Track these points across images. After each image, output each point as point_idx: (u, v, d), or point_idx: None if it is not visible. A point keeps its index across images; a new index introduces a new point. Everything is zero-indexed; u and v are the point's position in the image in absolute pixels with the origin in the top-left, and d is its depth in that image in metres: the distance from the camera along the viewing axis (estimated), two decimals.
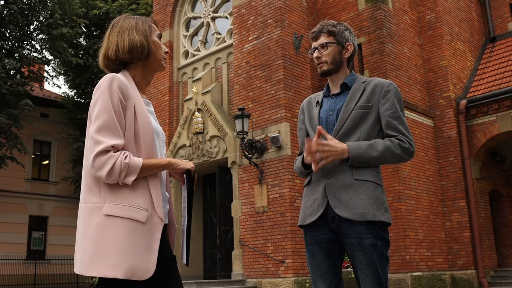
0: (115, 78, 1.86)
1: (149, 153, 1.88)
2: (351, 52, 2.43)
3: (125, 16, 2.05)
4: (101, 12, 18.51)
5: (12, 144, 16.21)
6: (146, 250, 1.79)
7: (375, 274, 2.17)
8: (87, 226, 1.80)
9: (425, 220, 10.37)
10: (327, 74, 2.44)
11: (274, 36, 10.51)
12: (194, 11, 13.33)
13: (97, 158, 1.77)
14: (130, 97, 1.88)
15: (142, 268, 1.77)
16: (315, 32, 2.45)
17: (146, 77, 2.06)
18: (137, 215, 1.79)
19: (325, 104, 2.44)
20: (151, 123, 1.93)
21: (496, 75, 11.95)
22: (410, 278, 9.49)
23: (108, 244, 1.75)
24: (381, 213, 2.21)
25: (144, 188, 1.85)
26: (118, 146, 1.80)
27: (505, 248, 12.25)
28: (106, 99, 1.82)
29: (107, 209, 1.78)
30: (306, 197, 2.36)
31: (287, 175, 9.75)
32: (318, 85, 11.22)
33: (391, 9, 11.02)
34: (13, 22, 16.15)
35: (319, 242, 2.30)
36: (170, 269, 1.96)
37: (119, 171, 1.77)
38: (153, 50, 2.00)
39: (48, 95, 21.74)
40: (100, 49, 2.04)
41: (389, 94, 2.32)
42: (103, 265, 1.73)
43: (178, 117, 12.53)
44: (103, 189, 1.81)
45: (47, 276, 19.21)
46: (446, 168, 11.16)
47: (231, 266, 10.45)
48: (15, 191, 19.70)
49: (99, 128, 1.80)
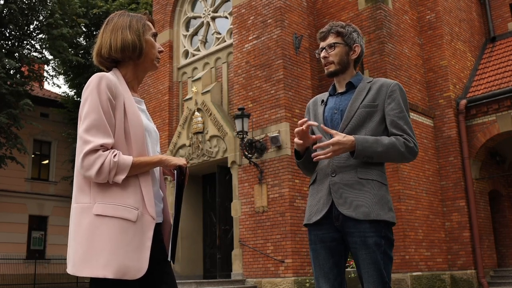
0: (103, 77, 1.86)
1: (141, 151, 1.87)
2: (358, 53, 2.45)
3: (120, 13, 2.04)
4: (101, 11, 18.51)
5: (12, 144, 16.20)
6: (137, 249, 1.78)
7: (378, 273, 2.17)
8: (77, 227, 1.79)
9: (425, 220, 10.37)
10: (333, 74, 2.45)
11: (274, 36, 10.51)
12: (194, 10, 13.33)
13: (86, 157, 1.77)
14: (119, 95, 1.87)
15: (133, 267, 1.76)
16: (324, 32, 2.46)
17: (138, 76, 2.05)
18: (127, 214, 1.78)
19: (330, 102, 2.46)
20: (142, 121, 1.91)
21: (496, 75, 11.95)
22: (410, 278, 9.49)
23: (98, 244, 1.74)
24: (384, 212, 2.22)
25: (135, 187, 1.84)
26: (107, 145, 1.80)
27: (504, 248, 12.25)
28: (95, 98, 1.82)
29: (97, 209, 1.78)
30: (312, 196, 2.37)
31: (287, 175, 9.75)
32: (318, 85, 11.23)
33: (391, 9, 11.01)
34: (13, 21, 16.14)
35: (323, 240, 2.30)
36: (164, 268, 1.95)
37: (108, 170, 1.76)
38: (145, 49, 1.98)
39: (48, 94, 21.73)
40: (94, 45, 2.04)
41: (395, 94, 2.33)
42: (94, 265, 1.73)
43: (178, 116, 12.53)
44: (93, 189, 1.81)
45: (47, 275, 19.21)
46: (446, 168, 11.16)
47: (231, 266, 10.45)
48: (15, 190, 19.70)
49: (88, 127, 1.79)
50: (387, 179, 2.34)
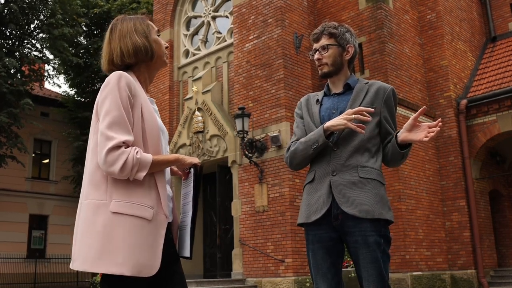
0: (123, 75, 1.88)
1: (156, 150, 1.90)
2: (351, 54, 2.45)
3: (121, 18, 2.05)
4: (101, 11, 18.50)
5: (12, 143, 16.20)
6: (151, 247, 1.80)
7: (378, 272, 2.18)
8: (91, 223, 1.80)
9: (425, 219, 10.37)
10: (327, 76, 2.46)
11: (274, 35, 10.51)
12: (195, 10, 13.33)
13: (110, 153, 1.78)
14: (137, 95, 1.91)
15: (148, 265, 1.78)
16: (316, 34, 2.47)
17: (150, 75, 2.09)
18: (144, 212, 1.81)
19: (326, 102, 2.46)
20: (157, 121, 1.95)
21: (496, 75, 11.94)
22: (410, 277, 9.50)
23: (115, 241, 1.76)
24: (386, 211, 2.24)
25: (150, 186, 1.87)
26: (129, 142, 1.82)
27: (505, 248, 12.25)
28: (115, 95, 1.84)
29: (114, 206, 1.79)
30: (310, 194, 2.36)
31: (287, 174, 9.75)
32: (319, 84, 11.23)
33: (391, 8, 11.01)
34: (13, 21, 16.14)
35: (321, 240, 2.31)
36: (174, 267, 1.97)
37: (131, 166, 1.78)
38: (156, 50, 2.02)
39: (48, 94, 21.73)
40: (101, 52, 2.05)
41: (390, 101, 2.38)
42: (110, 262, 1.75)
43: (179, 116, 12.53)
44: (110, 186, 1.82)
45: (47, 275, 19.21)
46: (446, 168, 11.16)
47: (231, 265, 10.45)
48: (15, 190, 19.69)
49: (110, 124, 1.81)
50: (384, 179, 2.36)
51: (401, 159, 2.33)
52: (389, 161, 2.38)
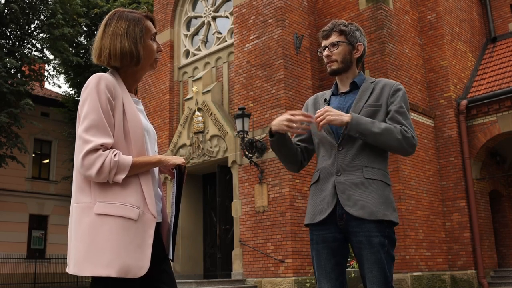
0: (102, 77, 1.87)
1: (140, 151, 1.89)
2: (361, 52, 2.44)
3: (119, 14, 2.02)
4: (102, 11, 18.50)
5: (12, 143, 16.22)
6: (139, 248, 1.79)
7: (382, 273, 2.18)
8: (78, 226, 1.80)
9: (425, 220, 10.37)
10: (336, 73, 2.45)
11: (274, 35, 10.51)
12: (195, 10, 13.33)
13: (86, 157, 1.77)
14: (118, 96, 1.88)
15: (136, 265, 1.77)
16: (326, 30, 2.45)
17: (136, 78, 2.06)
18: (129, 213, 1.79)
19: (333, 102, 2.46)
20: (141, 121, 1.93)
21: (496, 75, 11.95)
22: (410, 278, 9.50)
23: (100, 243, 1.74)
24: (390, 212, 2.23)
25: (135, 186, 1.85)
26: (107, 145, 1.81)
27: (505, 248, 12.25)
28: (94, 98, 1.82)
29: (98, 208, 1.78)
30: (315, 195, 2.36)
31: (287, 174, 9.75)
32: (319, 84, 11.23)
33: (391, 9, 11.01)
34: (14, 21, 16.15)
35: (325, 240, 2.30)
36: (163, 267, 1.96)
37: (108, 169, 1.77)
38: (142, 56, 1.98)
39: (48, 94, 21.75)
40: (93, 42, 2.03)
41: (398, 93, 2.35)
42: (96, 264, 1.73)
43: (179, 116, 12.53)
44: (94, 189, 1.81)
45: (47, 275, 19.22)
46: (447, 168, 11.16)
47: (231, 265, 10.45)
48: (15, 190, 19.71)
49: (88, 127, 1.80)
50: (390, 179, 2.35)
51: (370, 139, 2.23)
52: (389, 150, 2.34)
